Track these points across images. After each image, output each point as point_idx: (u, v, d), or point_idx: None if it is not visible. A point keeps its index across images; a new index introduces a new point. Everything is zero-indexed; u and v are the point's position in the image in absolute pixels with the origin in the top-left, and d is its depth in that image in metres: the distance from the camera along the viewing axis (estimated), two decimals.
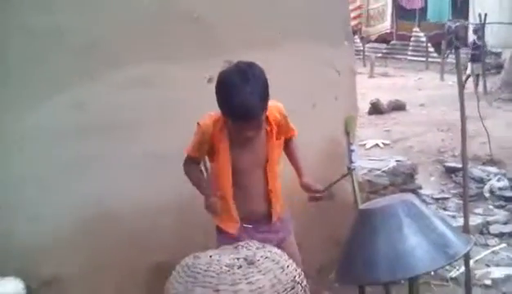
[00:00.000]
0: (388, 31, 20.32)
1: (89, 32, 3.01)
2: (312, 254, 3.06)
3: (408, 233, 2.03)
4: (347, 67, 4.03)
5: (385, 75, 16.12)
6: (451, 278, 3.97)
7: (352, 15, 14.09)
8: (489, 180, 5.47)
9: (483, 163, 6.14)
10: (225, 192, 2.41)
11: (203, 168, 2.68)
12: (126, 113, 3.18)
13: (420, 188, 4.61)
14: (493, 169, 5.88)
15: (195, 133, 2.43)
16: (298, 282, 1.88)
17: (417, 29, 19.86)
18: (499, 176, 5.64)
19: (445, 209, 5.20)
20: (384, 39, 21.27)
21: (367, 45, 20.78)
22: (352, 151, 4.07)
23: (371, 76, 16.03)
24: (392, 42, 21.68)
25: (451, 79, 13.53)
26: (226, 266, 1.84)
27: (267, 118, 2.34)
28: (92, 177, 3.11)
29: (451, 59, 12.32)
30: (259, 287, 1.78)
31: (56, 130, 2.99)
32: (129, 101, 3.18)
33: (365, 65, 18.06)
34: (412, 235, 2.03)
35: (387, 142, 7.42)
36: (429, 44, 18.01)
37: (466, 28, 14.06)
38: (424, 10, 19.52)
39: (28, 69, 2.88)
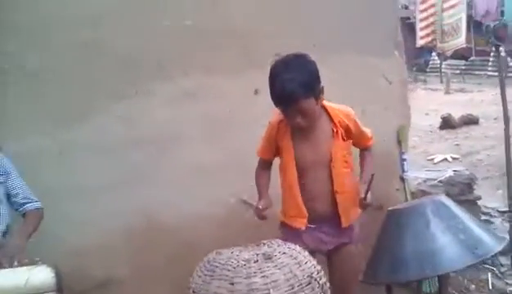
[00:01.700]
0: (464, 46, 19.62)
1: (135, 45, 3.18)
2: None
3: (436, 231, 2.00)
4: (397, 77, 3.98)
5: (462, 91, 15.64)
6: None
7: (426, 32, 13.78)
8: None
9: None
10: (291, 188, 2.45)
11: None
12: (172, 126, 3.31)
13: (479, 198, 4.41)
14: None
15: (265, 132, 2.53)
16: (315, 279, 1.87)
17: None
18: None
19: (510, 221, 4.94)
20: (462, 55, 20.65)
21: (445, 62, 20.27)
22: (404, 160, 4.01)
23: (447, 92, 15.63)
24: (471, 59, 21.00)
25: None
26: (243, 261, 1.87)
27: (331, 118, 2.43)
28: (138, 188, 3.25)
29: None
30: (273, 281, 1.79)
31: (104, 143, 3.16)
32: (175, 114, 3.31)
33: (441, 82, 17.69)
34: (440, 234, 1.99)
35: (456, 156, 7.21)
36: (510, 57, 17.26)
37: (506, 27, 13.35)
38: None
39: (76, 82, 3.07)
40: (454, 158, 7.11)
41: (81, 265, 2.89)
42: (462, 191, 4.20)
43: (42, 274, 1.88)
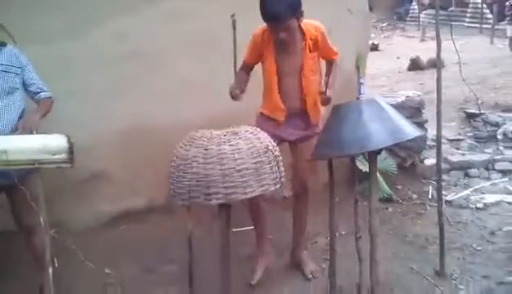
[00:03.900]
0: None
1: None
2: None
3: (367, 120, 2.51)
4: (358, 7, 4.48)
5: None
6: (446, 201, 4.42)
7: None
8: (504, 124, 5.77)
9: (502, 110, 6.43)
10: (272, 88, 3.03)
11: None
12: (160, 42, 3.79)
13: (426, 122, 4.99)
14: (510, 115, 6.16)
15: (250, 42, 3.05)
16: (271, 150, 2.41)
17: None
18: None
19: (457, 148, 5.59)
20: (441, 6, 21.03)
21: (425, 12, 20.70)
22: (361, 83, 4.52)
23: (422, 40, 16.15)
24: (451, 9, 21.37)
25: (503, 43, 13.51)
26: (215, 134, 2.39)
27: (303, 33, 2.96)
28: (130, 96, 3.75)
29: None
30: (238, 148, 2.31)
31: (99, 56, 3.64)
32: (163, 32, 3.78)
33: (419, 30, 18.20)
34: (370, 122, 2.51)
35: (418, 93, 7.74)
36: (487, 9, 17.75)
37: None
38: None
39: (75, 2, 3.51)
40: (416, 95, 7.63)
41: (79, 158, 3.38)
42: (412, 114, 4.76)
43: (58, 140, 2.37)
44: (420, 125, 4.62)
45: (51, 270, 2.46)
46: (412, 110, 4.77)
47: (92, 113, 3.61)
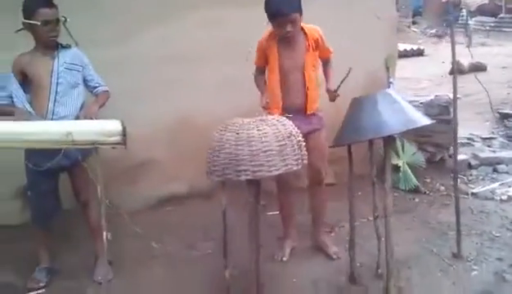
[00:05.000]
0: (487, 2, 19.80)
1: None
2: None
3: (381, 110, 2.84)
4: (387, 13, 4.77)
5: (483, 45, 16.08)
6: (472, 193, 4.64)
7: None
8: None
9: None
10: (274, 86, 3.36)
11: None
12: (199, 47, 4.21)
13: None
14: None
15: (257, 47, 3.43)
16: (294, 135, 2.76)
17: None
18: None
19: (489, 146, 5.77)
20: (491, 13, 20.83)
21: (475, 18, 20.53)
22: (390, 83, 4.84)
23: (469, 45, 16.00)
24: (501, 16, 21.12)
25: None
26: (246, 122, 2.77)
27: (305, 34, 3.32)
28: (175, 94, 4.19)
29: None
30: (265, 133, 2.66)
31: (145, 57, 4.09)
32: (201, 38, 4.21)
33: (466, 36, 18.02)
34: (384, 111, 2.83)
35: (458, 96, 7.90)
36: None
37: None
38: None
39: (123, 10, 3.99)
40: None
41: (131, 148, 3.70)
42: (440, 112, 4.98)
43: (113, 123, 2.77)
44: (448, 122, 4.83)
45: (105, 237, 2.88)
46: (441, 108, 4.98)
47: (142, 109, 4.06)
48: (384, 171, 2.97)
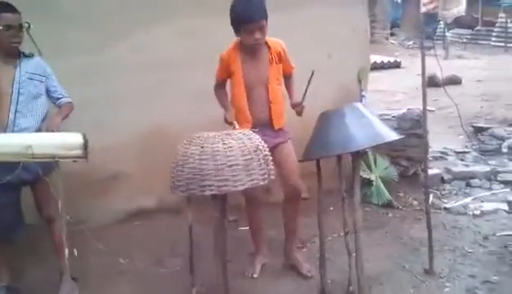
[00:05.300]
0: (464, 14, 20.06)
1: None
2: None
3: (349, 124, 2.81)
4: (361, 26, 4.77)
5: (460, 57, 16.30)
6: (445, 208, 4.63)
7: None
8: (509, 138, 5.95)
9: (509, 125, 6.60)
10: (240, 100, 3.29)
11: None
12: (176, 55, 4.16)
13: (427, 133, 5.19)
14: None
15: (220, 61, 3.34)
16: (260, 149, 2.71)
17: (502, 15, 19.55)
18: None
19: (462, 160, 5.78)
20: (468, 25, 21.18)
21: (452, 31, 20.85)
22: (362, 96, 4.82)
23: (446, 58, 16.25)
24: (477, 28, 21.48)
25: None
26: (211, 136, 2.71)
27: (269, 47, 3.26)
28: (144, 105, 4.13)
29: None
30: (230, 147, 2.60)
31: (120, 65, 4.03)
32: (179, 46, 4.16)
33: (444, 48, 18.32)
34: (352, 126, 2.80)
35: (432, 109, 7.94)
36: None
37: None
38: None
39: (99, 21, 3.95)
40: (429, 110, 7.86)
41: (98, 160, 3.61)
42: (412, 126, 4.96)
43: (75, 136, 2.72)
44: (420, 136, 4.81)
45: (67, 253, 2.79)
46: (413, 121, 4.96)
47: (111, 119, 3.99)
48: (353, 186, 2.93)
